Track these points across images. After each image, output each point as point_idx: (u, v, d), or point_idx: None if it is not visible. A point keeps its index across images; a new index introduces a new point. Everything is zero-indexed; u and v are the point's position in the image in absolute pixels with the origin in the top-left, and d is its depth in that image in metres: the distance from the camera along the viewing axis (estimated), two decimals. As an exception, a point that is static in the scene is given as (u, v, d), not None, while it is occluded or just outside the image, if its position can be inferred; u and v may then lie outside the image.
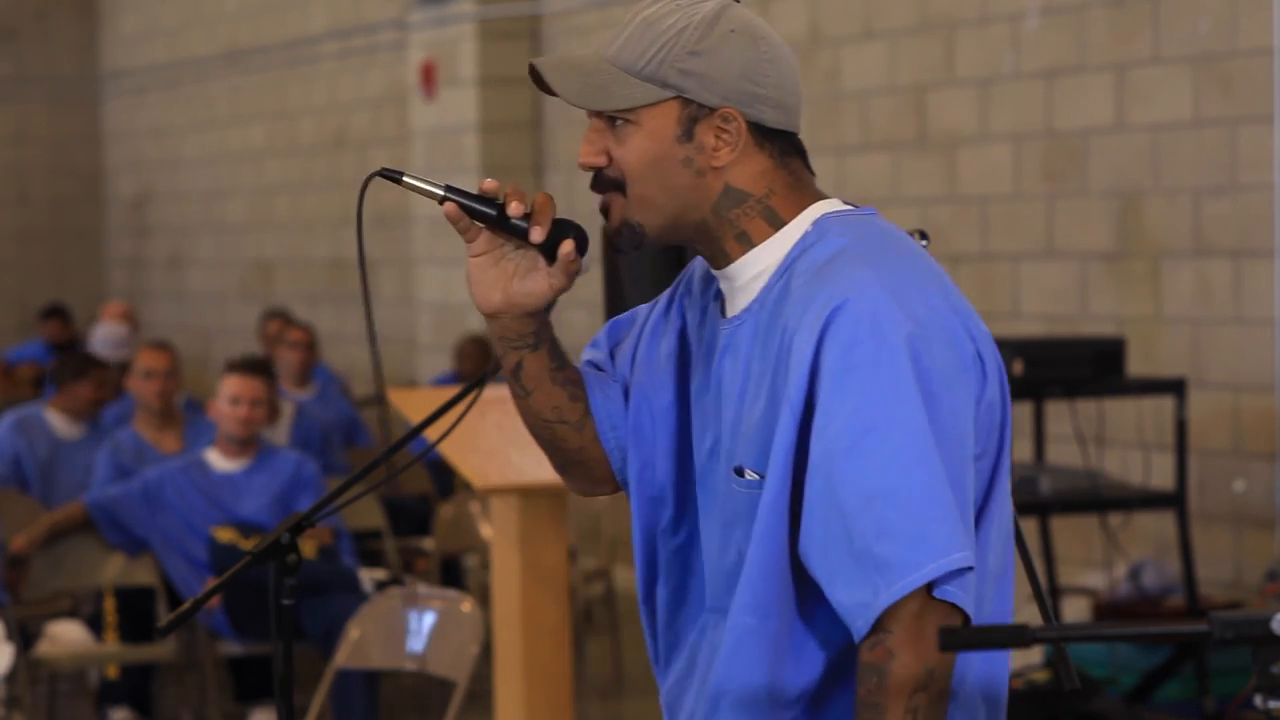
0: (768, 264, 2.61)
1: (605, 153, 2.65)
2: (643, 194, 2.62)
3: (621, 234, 2.67)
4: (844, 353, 2.47)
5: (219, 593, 3.57)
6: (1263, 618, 2.29)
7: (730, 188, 2.61)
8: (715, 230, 2.62)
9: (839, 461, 2.46)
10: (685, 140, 2.59)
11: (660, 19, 2.59)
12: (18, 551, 7.59)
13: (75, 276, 17.30)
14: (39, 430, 8.62)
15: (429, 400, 6.13)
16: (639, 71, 2.58)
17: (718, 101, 2.58)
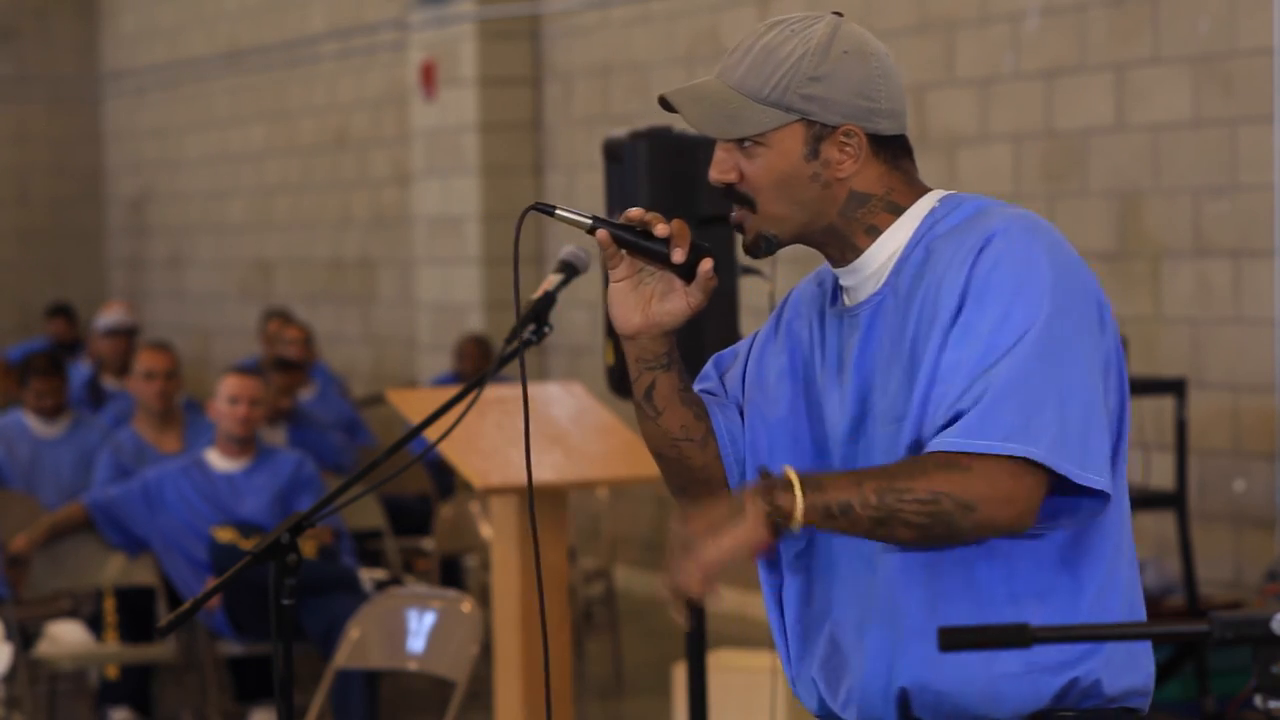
0: (897, 244, 2.82)
1: (736, 169, 2.81)
2: (773, 209, 2.80)
3: (758, 245, 2.83)
4: (987, 274, 2.69)
5: (219, 593, 3.57)
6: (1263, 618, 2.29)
7: (854, 192, 2.81)
8: (843, 230, 2.82)
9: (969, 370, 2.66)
10: (811, 158, 2.79)
11: (778, 46, 2.78)
12: (18, 551, 7.59)
13: (75, 276, 17.30)
14: (17, 433, 8.62)
15: (429, 400, 6.13)
16: (764, 98, 2.77)
17: (838, 120, 2.78)
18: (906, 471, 2.65)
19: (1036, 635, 2.37)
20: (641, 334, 2.84)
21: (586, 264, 3.26)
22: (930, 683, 2.75)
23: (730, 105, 2.77)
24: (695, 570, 2.58)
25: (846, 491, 2.62)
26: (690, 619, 2.53)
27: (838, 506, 2.62)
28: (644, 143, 5.20)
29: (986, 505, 2.64)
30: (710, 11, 10.50)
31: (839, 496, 2.62)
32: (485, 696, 6.21)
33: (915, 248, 2.80)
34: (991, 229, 2.73)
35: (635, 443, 6.04)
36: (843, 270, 2.85)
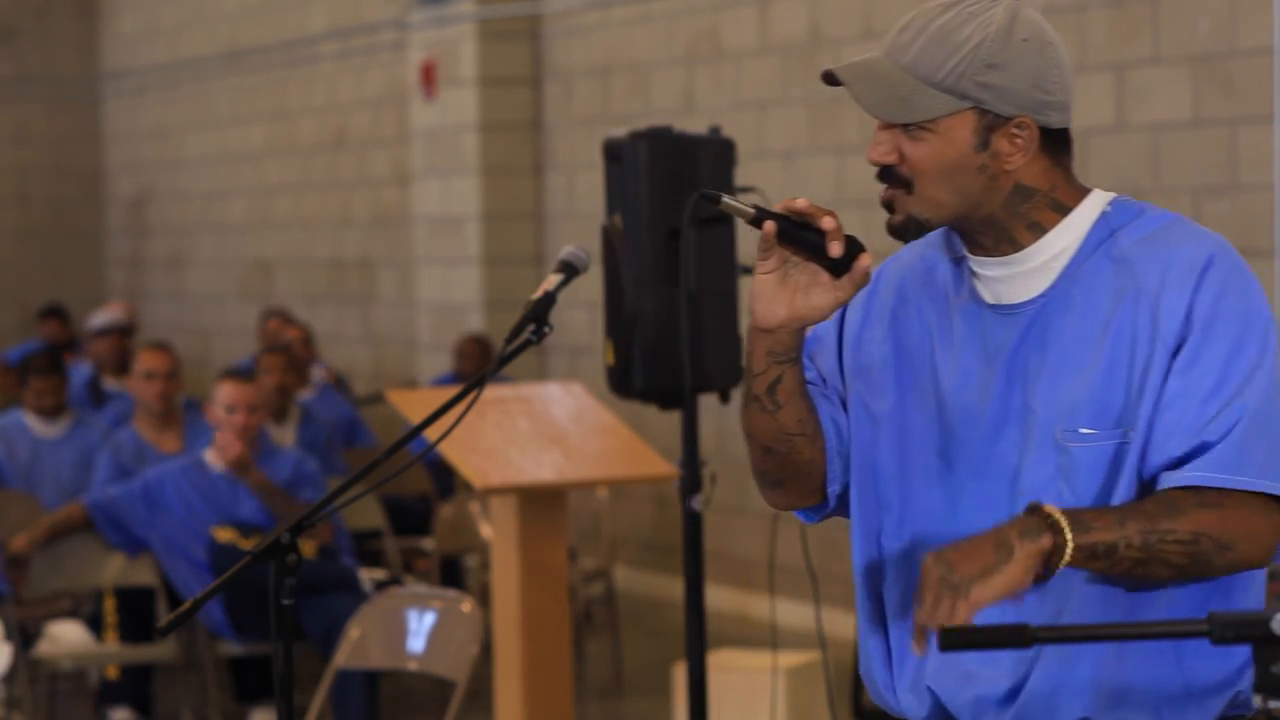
0: (1066, 245, 2.76)
1: (897, 151, 2.74)
2: (933, 195, 2.74)
3: (907, 227, 2.77)
4: (1214, 301, 2.67)
5: (219, 593, 3.57)
6: (1263, 618, 2.29)
7: (1020, 185, 2.74)
8: (1004, 223, 2.76)
9: (1203, 398, 2.65)
10: (981, 148, 2.72)
11: (955, 30, 2.70)
12: (18, 551, 7.58)
13: (75, 276, 17.30)
14: (17, 433, 8.61)
15: (429, 400, 6.13)
16: (938, 83, 2.70)
17: (1013, 111, 2.71)
18: (1165, 511, 2.62)
19: (1037, 635, 2.37)
20: (784, 327, 2.75)
21: (586, 264, 3.26)
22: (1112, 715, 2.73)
23: (902, 88, 2.70)
24: (964, 612, 2.52)
25: (1110, 532, 2.59)
26: (941, 645, 2.49)
27: (1103, 548, 2.59)
28: (644, 143, 5.20)
29: (1241, 544, 2.65)
30: (710, 11, 10.50)
31: (1104, 538, 2.59)
32: (485, 696, 6.21)
33: (1093, 254, 2.75)
34: (1206, 252, 2.71)
35: (635, 443, 6.04)
36: (990, 260, 2.78)
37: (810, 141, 9.84)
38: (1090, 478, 2.71)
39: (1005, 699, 2.76)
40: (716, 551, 9.70)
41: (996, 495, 2.77)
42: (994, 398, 2.76)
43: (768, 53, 10.11)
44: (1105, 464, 2.71)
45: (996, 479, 2.77)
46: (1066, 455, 2.71)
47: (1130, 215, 2.78)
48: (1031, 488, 2.74)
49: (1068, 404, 2.72)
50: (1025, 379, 2.75)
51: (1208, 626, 2.32)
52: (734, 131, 5.70)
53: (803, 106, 9.87)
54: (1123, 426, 2.70)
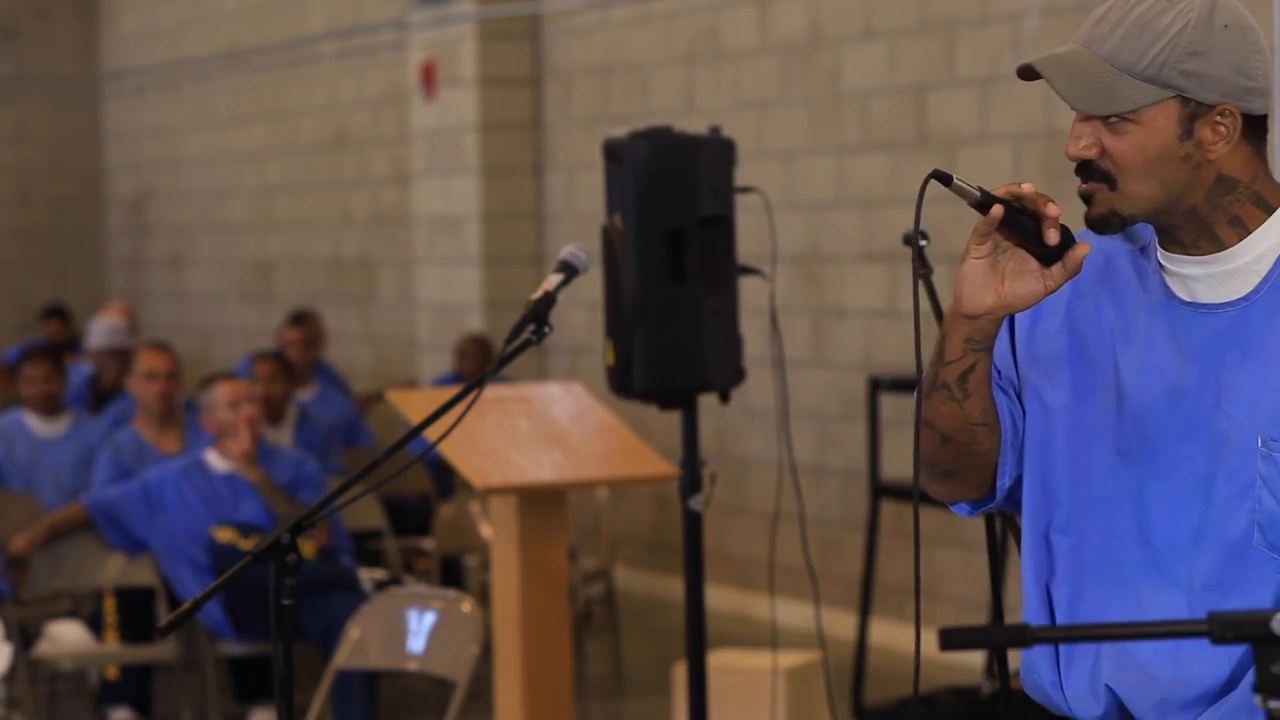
0: (1269, 246, 2.71)
1: (1098, 145, 2.71)
2: (1136, 188, 2.70)
3: (1109, 222, 2.73)
4: None
5: (219, 592, 3.57)
6: (1263, 618, 2.29)
7: (1222, 176, 2.70)
8: (1206, 217, 2.71)
9: None
10: (1185, 137, 2.68)
11: (1155, 18, 2.66)
12: (18, 552, 7.58)
13: (75, 276, 17.29)
14: (17, 433, 8.60)
15: (429, 400, 6.13)
16: (1139, 73, 2.66)
17: (1216, 99, 2.67)
18: None
19: (1036, 635, 2.36)
20: (989, 314, 2.71)
21: (586, 264, 3.26)
22: None
23: (1104, 79, 2.66)
24: None
25: None
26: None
27: None
28: (644, 143, 5.20)
29: None
30: (710, 11, 10.49)
31: None
32: (485, 696, 6.21)
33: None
34: None
35: (635, 443, 6.04)
36: (1185, 259, 2.73)
37: (810, 141, 9.83)
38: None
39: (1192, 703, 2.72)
40: (716, 551, 9.70)
41: (1184, 498, 2.72)
42: (1185, 397, 2.71)
43: (768, 53, 10.11)
44: None
45: (1183, 480, 2.72)
46: (1271, 464, 2.66)
47: None
48: (1228, 495, 2.69)
49: (1270, 410, 2.67)
50: (1221, 382, 2.70)
51: (1208, 626, 2.32)
52: (734, 131, 5.70)
53: (803, 106, 9.87)
54: None
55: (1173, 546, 2.72)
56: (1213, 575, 2.70)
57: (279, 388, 9.11)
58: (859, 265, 9.46)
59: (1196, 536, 2.71)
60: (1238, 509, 2.69)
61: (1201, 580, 2.71)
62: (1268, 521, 2.68)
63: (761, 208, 5.47)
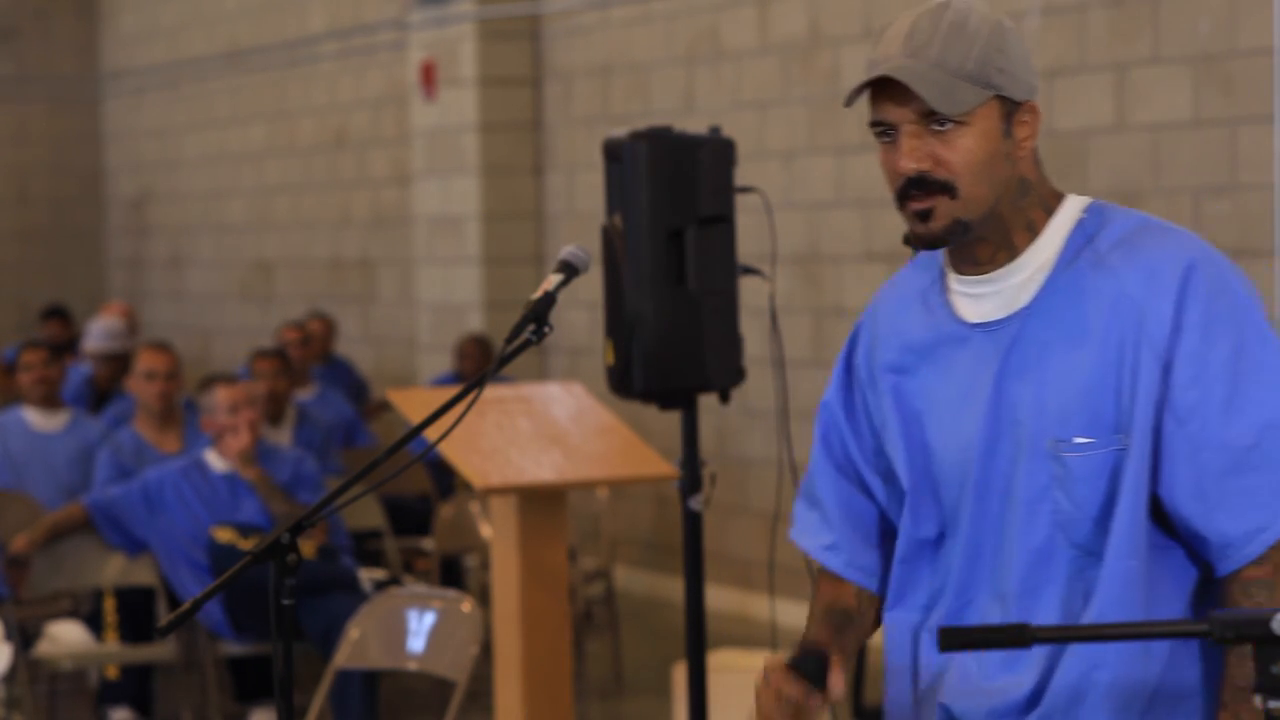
0: (1050, 253, 2.77)
1: (930, 157, 2.72)
2: (974, 192, 2.73)
3: (953, 232, 2.75)
4: (1205, 308, 2.69)
5: (219, 592, 3.57)
6: (1263, 618, 2.29)
7: (1023, 178, 2.77)
8: (1007, 221, 2.77)
9: (1221, 404, 2.67)
10: (1006, 136, 2.74)
11: (964, 23, 2.73)
12: (18, 552, 7.58)
13: (75, 276, 17.29)
14: (15, 428, 8.59)
15: (429, 400, 6.13)
16: (967, 74, 2.71)
17: (1023, 95, 2.75)
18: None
19: (1036, 635, 2.36)
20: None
21: (586, 264, 3.26)
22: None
23: (943, 82, 2.70)
24: None
25: None
26: None
27: None
28: (644, 143, 5.20)
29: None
30: (710, 11, 10.49)
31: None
32: (485, 696, 6.21)
33: (1074, 261, 2.75)
34: (1188, 256, 2.72)
35: (635, 443, 6.04)
36: (978, 279, 2.79)
37: (810, 141, 9.83)
38: (1087, 487, 2.73)
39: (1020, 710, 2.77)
40: (716, 551, 9.70)
41: (993, 510, 2.79)
42: (985, 415, 2.78)
43: (768, 53, 10.11)
44: (1104, 473, 2.72)
45: (993, 494, 2.79)
46: (1061, 465, 2.73)
47: (1102, 219, 2.78)
48: (1027, 500, 2.75)
49: (1056, 413, 2.73)
50: (1012, 392, 2.76)
51: (1208, 627, 2.32)
52: (734, 131, 5.70)
53: (803, 106, 9.87)
54: (1120, 433, 2.71)
55: (994, 559, 2.80)
56: (1023, 581, 2.76)
57: (281, 384, 9.11)
58: (859, 265, 9.46)
59: (1008, 545, 2.77)
60: (1038, 513, 2.75)
61: (1014, 587, 2.77)
62: (1065, 520, 2.74)
63: (761, 208, 5.47)
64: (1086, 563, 2.73)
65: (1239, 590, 2.69)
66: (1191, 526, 2.72)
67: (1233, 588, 2.70)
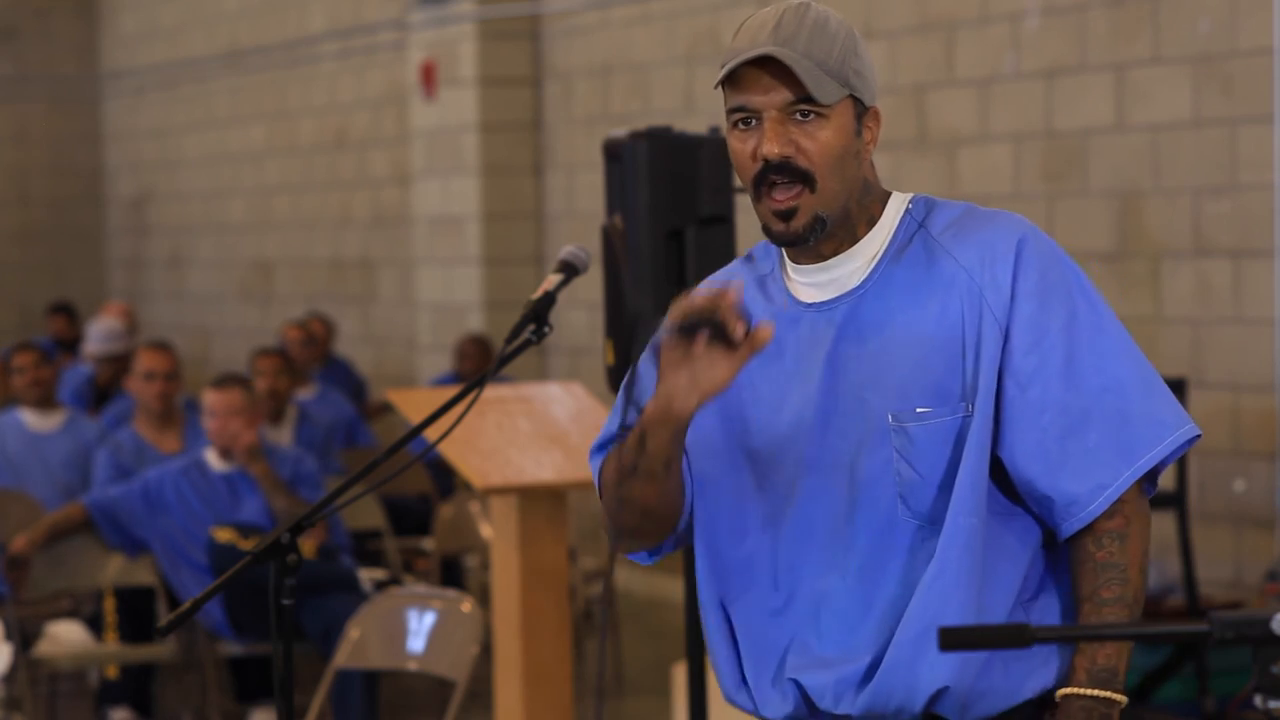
0: (882, 240, 2.85)
1: (793, 144, 2.78)
2: (830, 187, 2.79)
3: (814, 229, 2.81)
4: (1040, 277, 2.79)
5: (219, 593, 3.58)
6: (1263, 618, 2.29)
7: (866, 179, 2.86)
8: (854, 218, 2.85)
9: (1060, 368, 2.78)
10: (857, 135, 2.82)
11: (825, 23, 2.80)
12: (18, 552, 7.58)
13: (75, 276, 17.30)
14: (10, 428, 8.59)
15: (429, 400, 6.13)
16: (830, 69, 2.78)
17: (870, 100, 2.84)
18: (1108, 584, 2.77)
19: (1036, 635, 2.36)
20: (695, 410, 2.78)
21: (586, 264, 3.26)
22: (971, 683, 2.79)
23: (814, 72, 2.76)
24: None
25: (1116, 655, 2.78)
26: None
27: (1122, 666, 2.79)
28: (644, 143, 5.20)
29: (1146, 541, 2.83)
30: (710, 11, 10.50)
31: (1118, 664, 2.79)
32: (485, 696, 6.21)
33: (908, 245, 2.84)
34: (1019, 231, 2.82)
35: (635, 443, 6.03)
36: (815, 267, 2.85)
37: (810, 141, 9.83)
38: (932, 454, 2.79)
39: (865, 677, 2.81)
40: (716, 551, 9.69)
41: (831, 487, 2.83)
42: (820, 393, 2.82)
43: (768, 53, 10.11)
44: (947, 440, 2.79)
45: (829, 471, 2.83)
46: (904, 436, 2.79)
47: (929, 208, 2.87)
48: (868, 474, 2.81)
49: (896, 387, 2.79)
50: (848, 369, 2.82)
51: (1208, 627, 2.32)
52: (734, 131, 5.70)
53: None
54: (965, 401, 2.78)
55: (831, 536, 2.83)
56: (869, 555, 2.81)
57: (281, 382, 9.11)
58: (859, 265, 9.46)
59: (851, 521, 2.82)
60: (879, 485, 2.80)
61: (858, 561, 2.82)
62: (909, 491, 2.80)
63: (761, 208, 5.47)
64: (929, 532, 2.79)
65: (1091, 542, 2.78)
66: (1036, 488, 2.79)
67: (1084, 540, 2.79)
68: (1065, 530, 2.80)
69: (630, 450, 2.84)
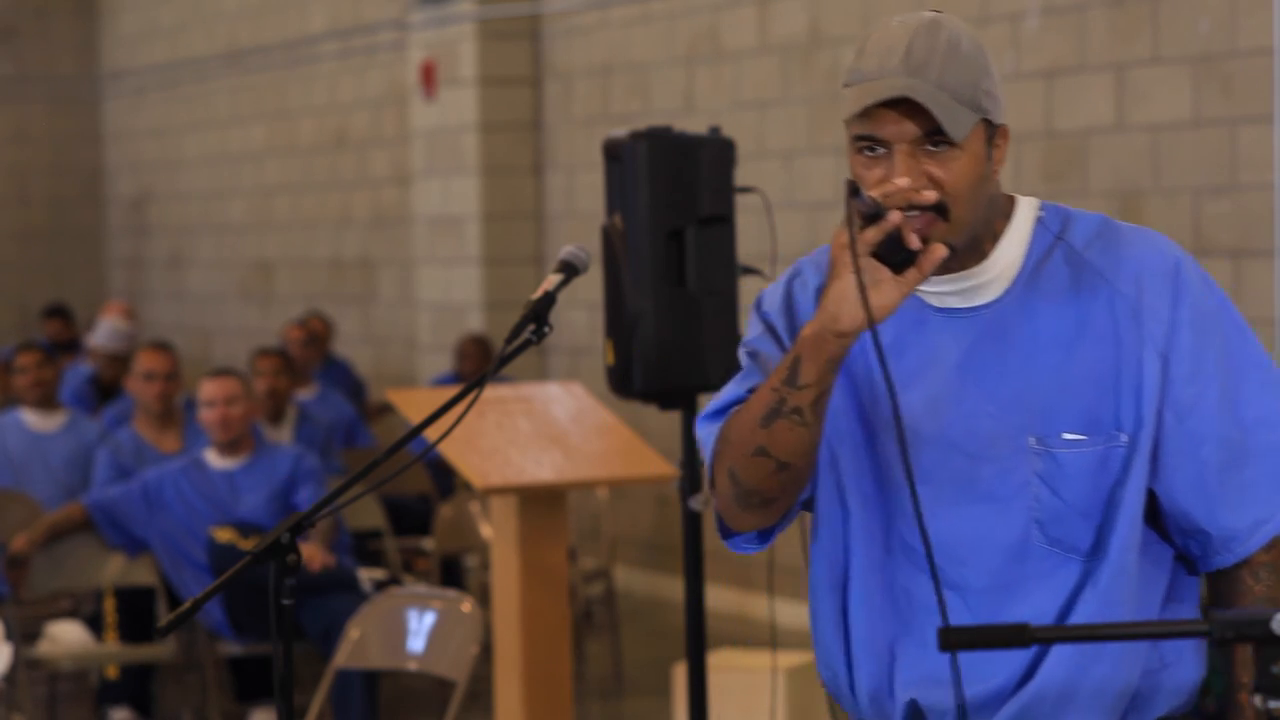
0: (1016, 253, 2.75)
1: (925, 177, 2.66)
2: (964, 215, 2.68)
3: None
4: (1198, 305, 2.72)
5: (219, 593, 3.58)
6: (1263, 618, 2.29)
7: (993, 195, 2.75)
8: (981, 234, 2.74)
9: (1217, 399, 2.70)
10: (988, 159, 2.72)
11: (958, 42, 2.70)
12: (18, 552, 7.58)
13: (75, 276, 17.30)
14: (11, 429, 8.59)
15: (429, 400, 6.13)
16: (965, 98, 2.68)
17: (1000, 118, 2.75)
18: None
19: (1036, 635, 2.36)
20: (859, 330, 2.62)
21: (586, 264, 3.26)
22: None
23: (949, 106, 2.65)
24: None
25: None
26: None
27: None
28: (644, 143, 5.20)
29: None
30: (710, 11, 10.50)
31: None
32: (485, 696, 6.21)
33: (1046, 258, 2.74)
34: (1174, 255, 2.75)
35: (635, 443, 6.04)
36: (941, 279, 2.74)
37: (810, 141, 9.83)
38: (1079, 482, 2.71)
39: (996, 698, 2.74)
40: (716, 551, 9.68)
41: (948, 502, 2.74)
42: (942, 403, 2.73)
43: (768, 53, 10.11)
44: (1095, 469, 2.70)
45: (944, 485, 2.74)
46: (1050, 461, 2.70)
47: (1063, 218, 2.78)
48: (1001, 496, 2.72)
49: (1040, 409, 2.71)
50: (982, 383, 2.73)
51: (1208, 626, 2.32)
52: (734, 131, 5.70)
53: (803, 106, 9.87)
54: (1119, 430, 2.70)
55: (944, 552, 2.73)
56: (994, 577, 2.73)
57: (282, 382, 9.11)
58: (859, 265, 9.45)
59: (970, 541, 2.73)
60: (1013, 509, 2.72)
61: (982, 583, 2.73)
62: (1048, 517, 2.71)
63: (761, 208, 5.47)
64: (1064, 559, 2.72)
65: (1248, 575, 2.73)
66: (1192, 521, 2.73)
67: (1240, 573, 2.73)
68: (1218, 564, 2.74)
69: (775, 387, 2.67)
